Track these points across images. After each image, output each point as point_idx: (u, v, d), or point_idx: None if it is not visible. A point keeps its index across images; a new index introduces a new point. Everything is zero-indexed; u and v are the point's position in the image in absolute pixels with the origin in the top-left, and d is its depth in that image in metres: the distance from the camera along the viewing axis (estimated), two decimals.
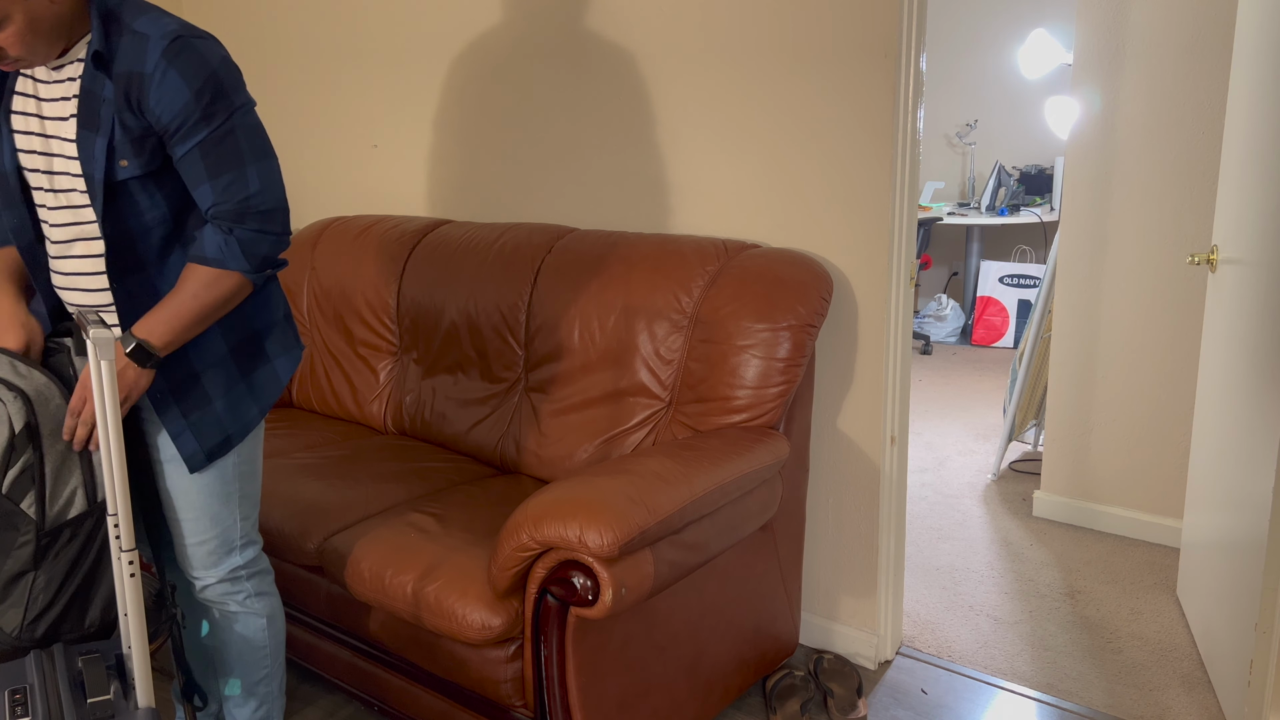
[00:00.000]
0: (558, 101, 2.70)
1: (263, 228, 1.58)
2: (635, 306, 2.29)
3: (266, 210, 1.58)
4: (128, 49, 1.51)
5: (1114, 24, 2.97)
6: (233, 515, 1.76)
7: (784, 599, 2.32)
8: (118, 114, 1.51)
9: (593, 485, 1.77)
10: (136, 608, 1.28)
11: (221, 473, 1.72)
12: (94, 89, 1.53)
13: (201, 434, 1.67)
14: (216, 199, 1.55)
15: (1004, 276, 5.83)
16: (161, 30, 1.51)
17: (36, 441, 1.52)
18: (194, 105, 1.51)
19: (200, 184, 1.55)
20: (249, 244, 1.57)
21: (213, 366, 1.67)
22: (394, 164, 3.16)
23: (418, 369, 2.72)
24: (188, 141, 1.53)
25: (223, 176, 1.54)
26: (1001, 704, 2.30)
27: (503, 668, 1.87)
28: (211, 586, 1.79)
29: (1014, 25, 5.82)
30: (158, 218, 1.60)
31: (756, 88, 2.34)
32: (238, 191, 1.55)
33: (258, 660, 1.88)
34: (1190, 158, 2.91)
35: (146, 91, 1.50)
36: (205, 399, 1.66)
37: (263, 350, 1.74)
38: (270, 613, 1.87)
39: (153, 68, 1.49)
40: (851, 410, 2.37)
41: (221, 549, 1.76)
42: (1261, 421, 2.01)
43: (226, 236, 1.56)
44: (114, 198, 1.56)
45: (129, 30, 1.52)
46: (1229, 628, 2.20)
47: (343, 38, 3.19)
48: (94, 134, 1.53)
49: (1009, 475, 3.74)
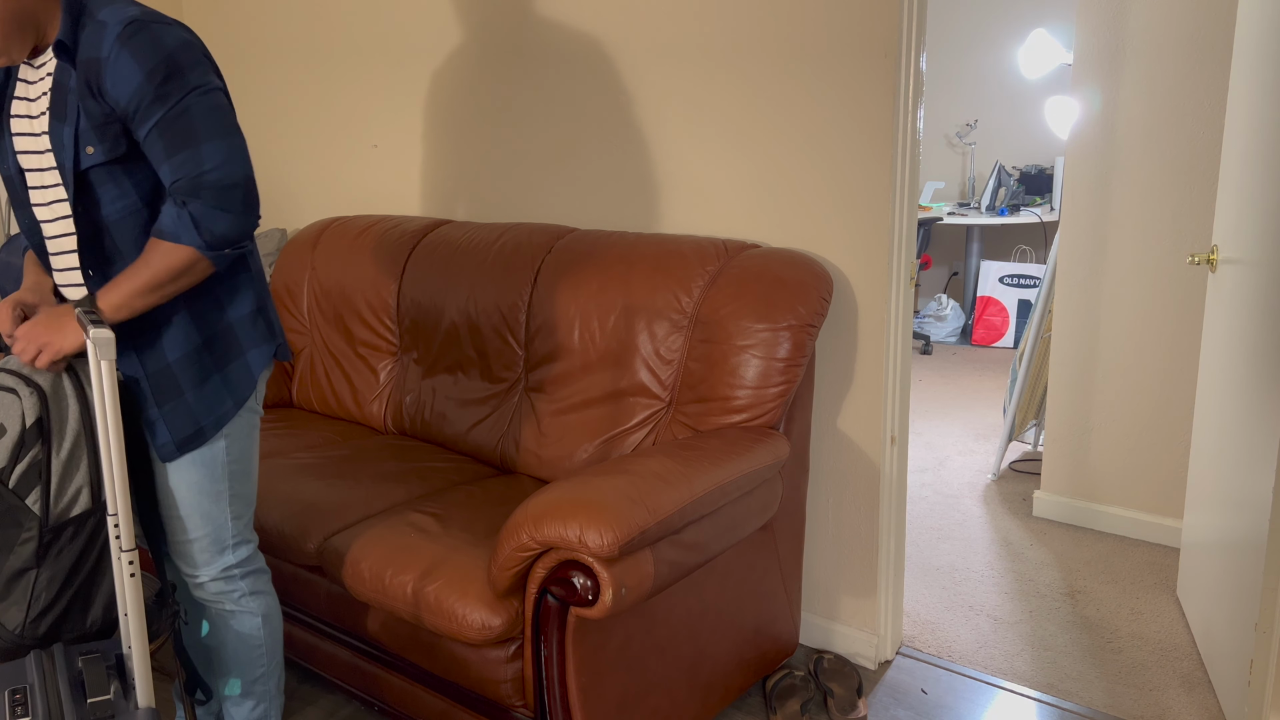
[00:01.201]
0: (558, 101, 2.70)
1: (219, 204, 1.55)
2: (635, 306, 2.29)
3: (222, 186, 1.55)
4: (89, 37, 1.52)
5: (1114, 24, 2.97)
6: (224, 514, 1.77)
7: (784, 599, 2.32)
8: (80, 101, 1.52)
9: (593, 485, 1.77)
10: (137, 608, 1.28)
11: (211, 471, 1.73)
12: (62, 80, 1.55)
13: (173, 424, 1.67)
14: (173, 175, 1.54)
15: (1004, 276, 5.83)
16: (119, 16, 1.52)
17: (46, 437, 1.52)
18: (147, 86, 1.50)
19: (161, 164, 1.55)
20: (203, 219, 1.54)
21: (184, 357, 1.67)
22: (394, 164, 3.16)
23: (418, 369, 2.72)
24: (146, 123, 1.53)
25: (178, 154, 1.53)
26: (1001, 704, 2.30)
27: (503, 668, 1.87)
28: (206, 584, 1.80)
29: (1014, 25, 5.82)
30: (128, 207, 1.59)
31: (756, 88, 2.34)
32: (191, 168, 1.53)
33: (254, 659, 1.89)
34: (1190, 158, 2.91)
35: (103, 75, 1.51)
36: (177, 389, 1.66)
37: (236, 343, 1.73)
38: (266, 611, 1.88)
39: (107, 51, 1.50)
40: (851, 410, 2.37)
41: (214, 547, 1.77)
42: (1261, 421, 2.01)
43: (180, 210, 1.54)
44: (84, 188, 1.57)
45: (93, 20, 1.53)
46: (1229, 628, 2.20)
47: (342, 38, 3.19)
48: (62, 123, 1.54)
49: (1009, 475, 3.74)
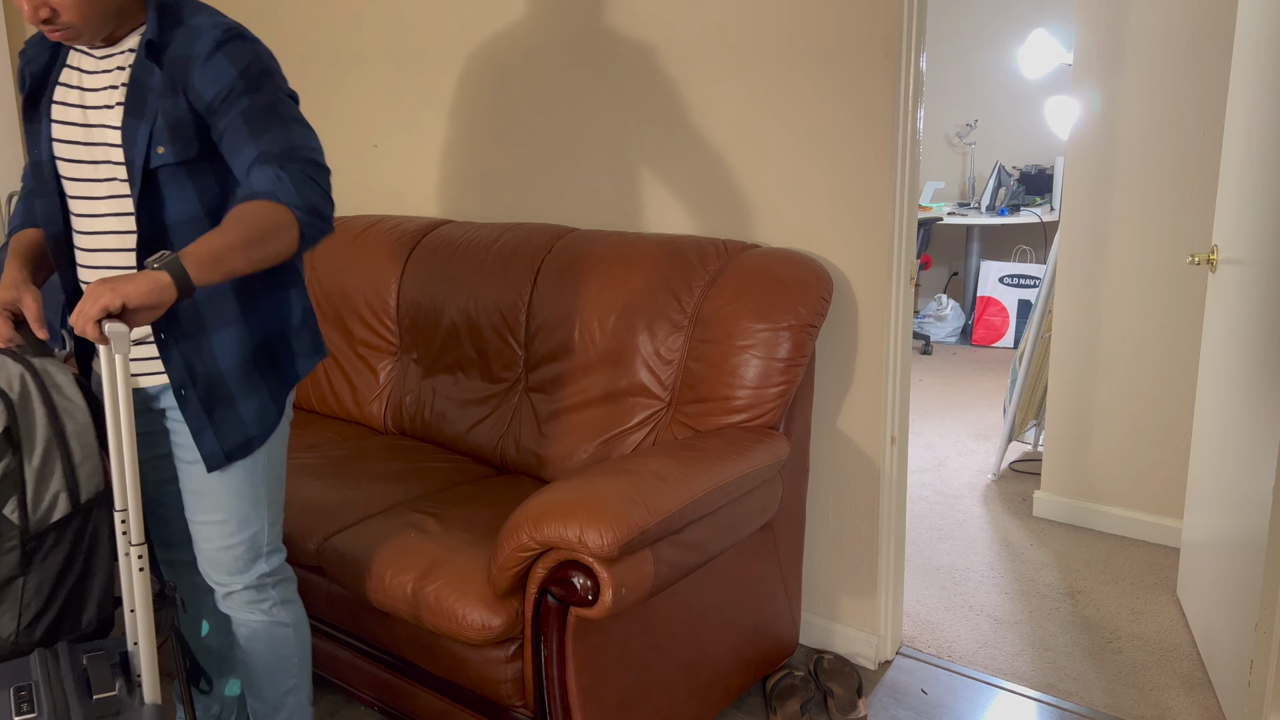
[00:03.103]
0: (558, 101, 2.70)
1: (312, 174, 1.51)
2: (635, 306, 2.29)
3: (314, 162, 1.53)
4: (181, 38, 1.52)
5: (1114, 24, 2.97)
6: (261, 520, 1.72)
7: (784, 599, 2.32)
8: (160, 99, 1.52)
9: (593, 485, 1.77)
10: (145, 603, 1.28)
11: (251, 475, 1.69)
12: (142, 77, 1.53)
13: (223, 433, 1.64)
14: (262, 149, 1.50)
15: (1004, 276, 5.83)
16: (218, 22, 1.53)
17: (16, 446, 1.50)
18: (238, 80, 1.50)
19: (243, 147, 1.51)
20: (299, 183, 1.48)
21: (237, 365, 1.64)
22: (394, 164, 3.16)
23: (418, 369, 2.72)
24: (229, 113, 1.51)
25: (268, 133, 1.50)
26: (1001, 704, 2.30)
27: (503, 668, 1.87)
28: (236, 594, 1.74)
29: (1014, 25, 5.82)
30: (190, 212, 1.57)
31: (756, 87, 2.34)
32: (284, 141, 1.51)
33: (286, 671, 1.83)
34: (1190, 158, 2.91)
35: (191, 71, 1.50)
36: (229, 398, 1.63)
37: (288, 351, 1.71)
38: (296, 621, 1.82)
39: (200, 50, 1.50)
40: (851, 410, 2.37)
41: (249, 554, 1.72)
42: (1261, 421, 2.01)
43: (279, 171, 1.48)
44: (148, 187, 1.55)
45: (185, 24, 1.53)
46: (1229, 628, 2.20)
47: (342, 38, 3.19)
48: (139, 121, 1.53)
49: (1009, 475, 3.74)
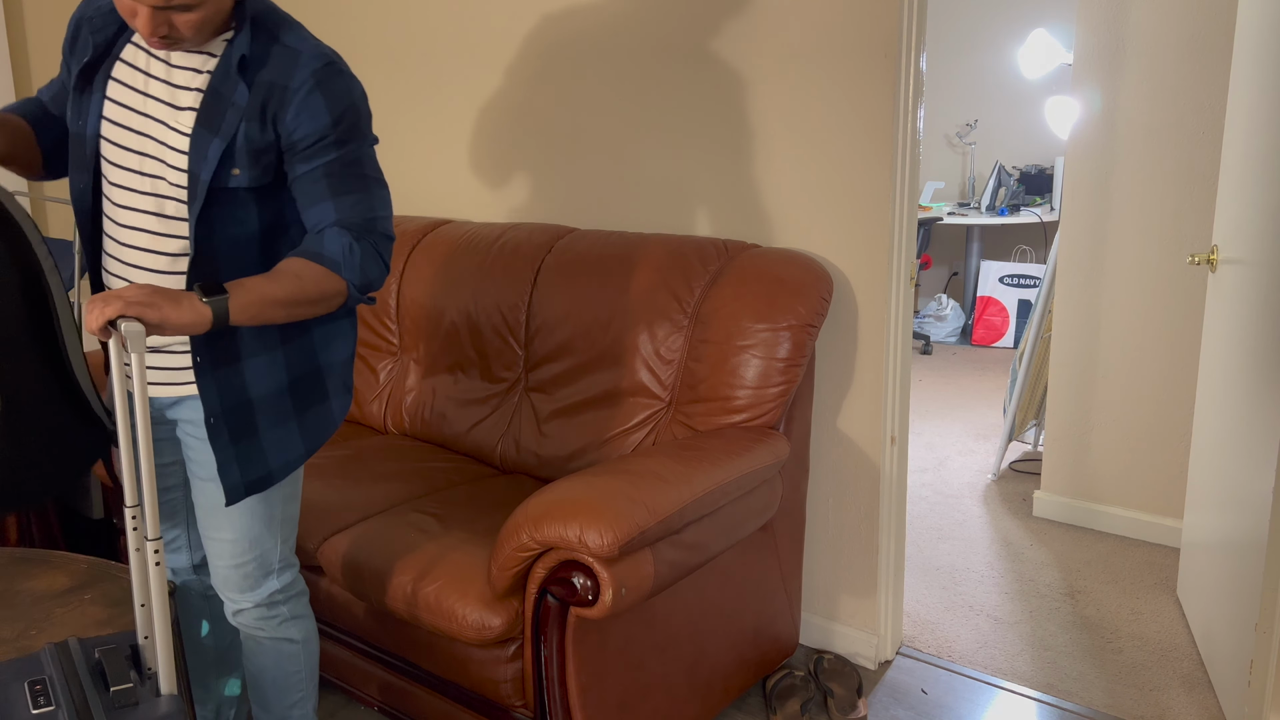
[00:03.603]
0: (557, 101, 2.70)
1: (381, 249, 1.53)
2: (635, 306, 2.29)
3: (387, 236, 1.54)
4: (276, 60, 1.47)
5: (1114, 24, 2.97)
6: (274, 538, 1.70)
7: (784, 599, 2.32)
8: (245, 121, 1.47)
9: (593, 485, 1.77)
10: (161, 597, 1.28)
11: (267, 495, 1.66)
12: (223, 91, 1.47)
13: (246, 466, 1.59)
14: (342, 214, 1.50)
15: (1004, 276, 5.83)
16: (314, 50, 1.49)
17: None
18: (330, 129, 1.48)
19: (320, 202, 1.50)
20: (365, 260, 1.51)
21: (269, 396, 1.60)
22: (394, 164, 3.16)
23: (418, 369, 2.72)
24: (313, 161, 1.49)
25: (348, 196, 1.51)
26: (1001, 704, 2.30)
27: (503, 668, 1.87)
28: (246, 611, 1.73)
29: (1014, 25, 5.82)
30: (245, 235, 1.54)
31: (756, 87, 2.34)
32: (365, 210, 1.51)
33: (292, 686, 1.82)
34: (1190, 158, 2.91)
35: (287, 105, 1.46)
36: (252, 428, 1.59)
37: (322, 388, 1.66)
38: (304, 636, 1.80)
39: (299, 84, 1.46)
40: (851, 410, 2.37)
41: (259, 572, 1.70)
42: (1261, 421, 2.01)
43: (354, 243, 1.50)
44: (210, 203, 1.50)
45: (278, 42, 1.48)
46: (1229, 628, 2.20)
47: (341, 38, 3.19)
48: (212, 135, 1.47)
49: (1009, 475, 3.74)
